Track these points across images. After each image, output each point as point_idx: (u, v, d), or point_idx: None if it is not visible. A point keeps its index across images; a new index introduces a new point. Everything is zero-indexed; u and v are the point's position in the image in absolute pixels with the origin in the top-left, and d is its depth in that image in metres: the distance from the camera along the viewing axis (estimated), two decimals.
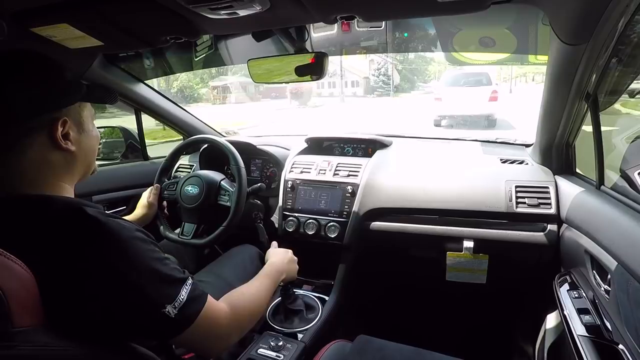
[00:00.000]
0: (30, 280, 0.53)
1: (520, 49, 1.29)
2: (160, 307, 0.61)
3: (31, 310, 0.53)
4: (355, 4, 0.82)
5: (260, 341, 1.11)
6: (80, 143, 0.69)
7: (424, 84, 31.10)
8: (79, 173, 0.72)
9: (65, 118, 0.65)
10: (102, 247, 0.59)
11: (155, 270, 0.63)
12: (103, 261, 0.58)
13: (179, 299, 0.63)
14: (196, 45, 1.47)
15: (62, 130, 0.65)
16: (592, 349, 0.77)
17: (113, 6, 0.86)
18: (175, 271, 0.66)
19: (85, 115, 0.71)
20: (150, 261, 0.63)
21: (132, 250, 0.61)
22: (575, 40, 0.84)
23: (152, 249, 0.65)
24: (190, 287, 0.67)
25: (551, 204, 1.20)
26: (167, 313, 0.61)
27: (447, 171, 1.42)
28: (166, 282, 0.64)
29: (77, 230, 0.59)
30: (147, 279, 0.61)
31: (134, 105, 1.67)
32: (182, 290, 0.65)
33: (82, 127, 0.70)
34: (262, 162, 1.76)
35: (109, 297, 0.58)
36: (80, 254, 0.57)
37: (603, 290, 0.88)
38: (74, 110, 0.68)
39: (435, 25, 1.32)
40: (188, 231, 1.29)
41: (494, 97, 8.45)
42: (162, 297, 0.62)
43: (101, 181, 1.58)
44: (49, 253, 0.56)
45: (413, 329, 1.49)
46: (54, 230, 0.59)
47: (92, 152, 0.74)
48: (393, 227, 1.38)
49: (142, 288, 0.60)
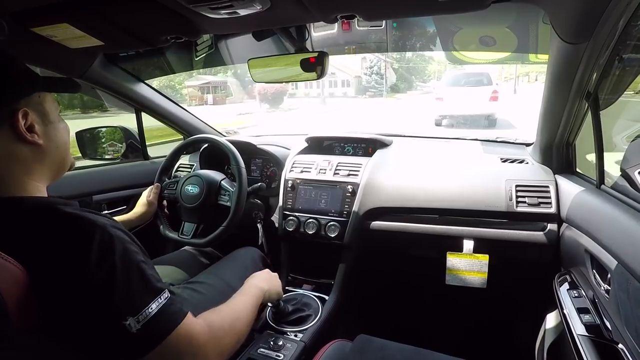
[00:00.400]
0: (26, 281, 0.52)
1: (521, 48, 1.29)
2: (120, 317, 0.54)
3: (28, 310, 0.53)
4: (356, 3, 0.82)
5: (260, 341, 1.11)
6: (48, 135, 0.67)
7: (423, 83, 30.42)
8: (51, 169, 0.69)
9: (25, 109, 0.62)
10: (71, 245, 0.55)
11: (125, 274, 0.56)
12: (71, 260, 0.54)
13: (144, 312, 0.55)
14: (196, 45, 1.47)
15: (24, 122, 0.62)
16: (592, 348, 0.77)
17: (113, 6, 0.86)
18: (150, 280, 0.59)
19: (49, 106, 0.68)
20: (123, 263, 0.57)
21: (103, 248, 0.56)
22: (576, 39, 0.84)
23: (128, 248, 0.59)
24: (165, 301, 0.59)
25: (551, 203, 1.20)
26: (128, 327, 0.53)
27: (448, 170, 1.42)
28: (135, 290, 0.56)
29: (48, 228, 0.56)
30: (113, 282, 0.55)
31: (134, 104, 1.67)
32: (153, 303, 0.57)
33: (47, 118, 0.67)
34: (262, 161, 1.76)
35: (72, 299, 0.54)
36: (50, 253, 0.54)
37: (603, 289, 0.88)
38: (34, 101, 0.65)
39: (435, 24, 1.32)
40: (188, 231, 1.29)
41: (495, 97, 8.52)
42: (126, 306, 0.55)
43: (101, 181, 1.58)
44: (25, 255, 0.54)
45: (413, 328, 1.49)
46: (26, 230, 0.57)
47: (63, 144, 0.71)
48: (393, 227, 1.38)
49: (105, 291, 0.54)
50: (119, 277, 0.56)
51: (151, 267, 0.63)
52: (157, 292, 0.59)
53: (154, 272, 0.63)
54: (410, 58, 29.13)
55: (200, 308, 1.00)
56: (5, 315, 0.48)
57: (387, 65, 26.18)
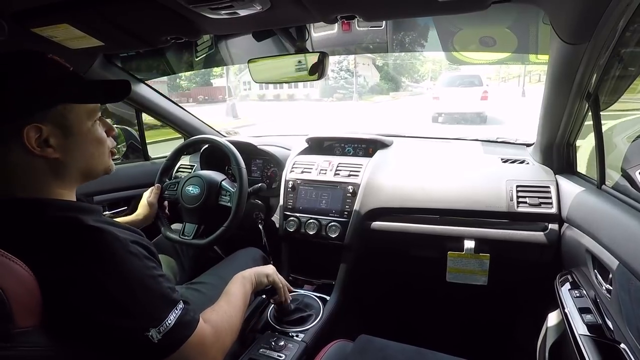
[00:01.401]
0: (31, 281, 0.53)
1: (521, 48, 1.29)
2: (144, 330, 0.58)
3: (32, 311, 0.53)
4: (356, 4, 0.82)
5: (261, 341, 1.11)
6: (67, 148, 0.64)
7: (416, 83, 27.50)
8: (75, 177, 0.68)
9: (36, 125, 0.59)
10: (91, 260, 0.56)
11: (145, 290, 0.60)
12: (89, 274, 0.56)
13: (165, 324, 0.59)
14: (196, 46, 1.47)
15: (38, 136, 0.59)
16: (594, 348, 0.76)
17: (113, 6, 0.86)
18: (168, 293, 0.63)
19: (75, 117, 0.64)
20: (142, 279, 0.60)
21: (123, 266, 0.58)
22: (576, 39, 0.84)
23: (146, 265, 0.62)
24: (181, 311, 0.63)
25: (552, 203, 1.20)
26: (150, 337, 0.58)
27: (448, 171, 1.42)
28: (155, 304, 0.60)
29: (69, 239, 0.57)
30: (134, 298, 0.58)
31: (134, 105, 1.67)
32: (171, 314, 0.61)
33: (70, 130, 0.63)
34: (262, 162, 1.76)
35: (92, 312, 0.56)
36: (68, 263, 0.56)
37: (604, 289, 0.88)
38: (55, 113, 0.61)
39: (435, 25, 1.32)
40: (189, 231, 1.29)
41: (485, 96, 9.61)
42: (147, 320, 0.58)
43: (102, 181, 1.55)
44: (43, 257, 0.55)
45: (414, 328, 1.49)
46: (47, 236, 0.57)
47: (89, 155, 0.68)
48: (394, 227, 1.38)
49: (127, 308, 0.57)
50: (141, 292, 0.59)
51: (166, 279, 0.66)
52: (174, 303, 0.63)
53: (169, 283, 0.65)
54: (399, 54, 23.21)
55: (202, 309, 1.00)
56: (9, 316, 0.48)
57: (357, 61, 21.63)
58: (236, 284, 0.92)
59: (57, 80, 0.63)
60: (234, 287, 0.90)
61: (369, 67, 24.07)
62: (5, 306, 0.48)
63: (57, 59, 0.64)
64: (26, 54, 0.62)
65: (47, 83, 0.61)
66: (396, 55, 23.36)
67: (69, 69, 0.65)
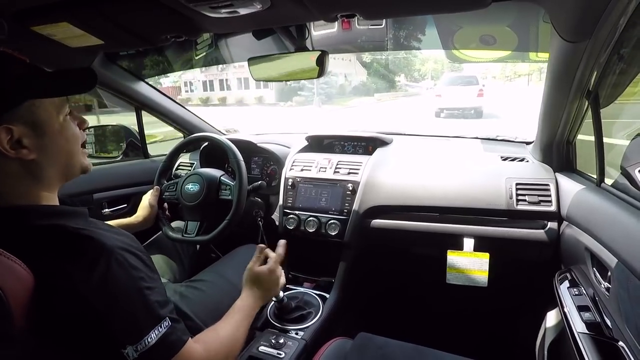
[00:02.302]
0: (30, 281, 0.53)
1: (521, 46, 1.29)
2: (119, 346, 0.55)
3: (32, 312, 0.53)
4: (356, 2, 0.82)
5: (261, 339, 1.12)
6: (42, 148, 0.60)
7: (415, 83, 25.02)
8: (54, 178, 0.64)
9: (5, 126, 0.55)
10: (74, 268, 0.54)
11: (127, 303, 0.56)
12: (71, 283, 0.54)
13: (144, 342, 0.56)
14: (197, 44, 1.47)
15: (9, 137, 0.56)
16: (592, 346, 0.77)
17: (113, 5, 0.85)
18: (153, 307, 0.59)
19: (44, 113, 0.60)
20: (125, 291, 0.57)
21: (106, 275, 0.55)
22: (576, 37, 0.84)
23: (132, 275, 0.58)
24: (166, 329, 0.59)
25: (551, 201, 1.20)
26: (126, 355, 0.54)
27: (448, 169, 1.42)
28: (135, 319, 0.57)
29: (54, 246, 0.55)
30: (113, 311, 0.55)
31: (134, 103, 1.67)
32: (153, 332, 0.57)
33: (42, 129, 0.60)
34: (262, 160, 1.76)
35: (73, 320, 0.55)
36: (55, 270, 0.54)
37: (603, 287, 0.88)
38: (24, 111, 0.58)
39: (435, 23, 1.32)
40: (191, 229, 1.28)
41: (481, 93, 11.27)
42: (125, 335, 0.55)
43: (102, 179, 1.58)
44: (33, 263, 0.53)
45: (414, 326, 1.50)
46: (31, 244, 0.55)
47: (64, 153, 0.64)
48: (393, 225, 1.39)
49: (105, 320, 0.55)
50: (122, 305, 0.56)
51: (156, 292, 0.62)
52: (158, 320, 0.59)
53: (158, 297, 0.61)
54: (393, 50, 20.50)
55: (202, 306, 1.00)
56: (9, 316, 0.48)
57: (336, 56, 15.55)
58: (244, 313, 0.85)
59: (21, 76, 0.59)
60: (237, 314, 0.83)
61: (351, 63, 20.85)
62: (4, 306, 0.48)
63: (13, 53, 0.60)
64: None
65: (10, 80, 0.57)
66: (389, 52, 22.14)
67: (28, 63, 0.61)
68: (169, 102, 1.77)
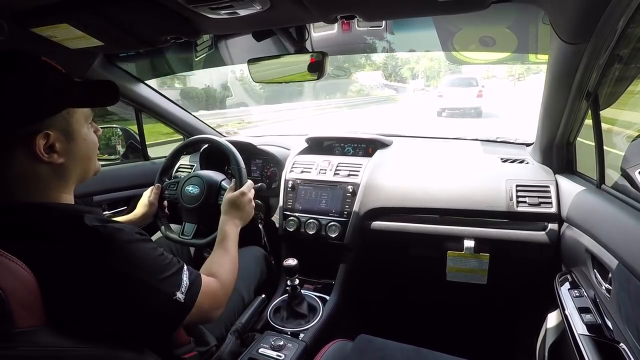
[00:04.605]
0: (31, 281, 0.53)
1: (521, 48, 1.29)
2: (171, 295, 0.66)
3: (32, 311, 0.53)
4: (356, 3, 0.82)
5: (261, 341, 1.11)
6: (70, 153, 0.65)
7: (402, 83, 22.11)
8: (74, 180, 0.70)
9: (46, 131, 0.60)
10: (103, 254, 0.60)
11: (158, 265, 0.67)
12: (106, 266, 0.60)
13: (183, 284, 0.69)
14: (196, 45, 1.47)
15: (44, 143, 0.61)
16: (593, 348, 0.77)
17: (113, 6, 0.86)
18: (173, 262, 0.71)
19: (75, 121, 0.66)
20: (152, 258, 0.67)
21: (133, 251, 0.63)
22: (576, 39, 0.84)
23: (151, 246, 0.69)
24: (188, 271, 0.73)
25: (552, 203, 1.20)
26: (178, 299, 0.67)
27: (448, 170, 1.42)
28: (169, 273, 0.68)
29: (77, 239, 0.59)
30: (152, 274, 0.65)
31: (134, 105, 1.67)
32: (183, 276, 0.70)
33: (72, 135, 0.65)
34: (262, 162, 1.76)
35: (120, 298, 0.61)
36: (82, 262, 0.58)
37: (604, 289, 0.88)
38: (60, 119, 0.63)
39: (435, 24, 1.32)
40: (188, 231, 1.28)
41: (480, 94, 11.92)
42: (170, 286, 0.67)
43: (102, 181, 1.58)
44: (50, 259, 0.57)
45: (414, 328, 1.49)
46: (53, 238, 0.59)
47: (86, 158, 0.71)
48: (394, 227, 1.38)
49: (150, 283, 0.64)
50: (158, 269, 0.66)
51: (167, 254, 0.72)
52: (181, 268, 0.72)
53: (169, 255, 0.72)
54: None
55: None
56: (9, 315, 0.48)
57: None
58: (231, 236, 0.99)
59: (61, 85, 0.64)
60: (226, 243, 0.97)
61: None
62: (4, 306, 0.48)
63: (53, 63, 0.65)
64: (20, 57, 0.61)
65: (50, 89, 0.62)
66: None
67: (64, 72, 0.66)
68: (168, 104, 1.77)
